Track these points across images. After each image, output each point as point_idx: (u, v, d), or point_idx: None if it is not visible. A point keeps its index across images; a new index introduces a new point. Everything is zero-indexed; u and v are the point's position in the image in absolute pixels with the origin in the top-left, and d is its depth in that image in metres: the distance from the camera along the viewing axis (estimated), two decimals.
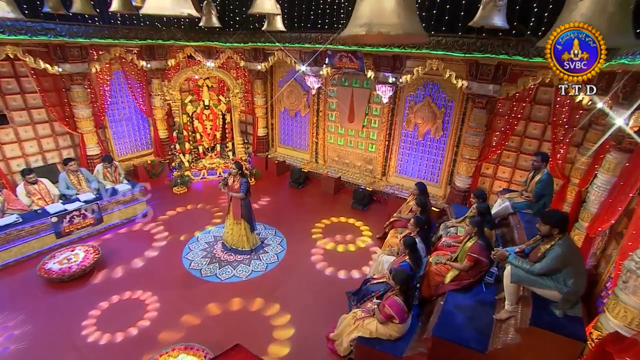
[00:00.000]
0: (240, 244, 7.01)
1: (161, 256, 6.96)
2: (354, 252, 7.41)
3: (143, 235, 7.60)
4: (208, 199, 9.20)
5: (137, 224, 8.00)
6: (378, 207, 9.19)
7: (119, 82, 9.83)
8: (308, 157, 11.15)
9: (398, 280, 4.62)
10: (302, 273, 6.71)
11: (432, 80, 8.45)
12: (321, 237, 7.84)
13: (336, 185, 9.85)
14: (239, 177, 6.58)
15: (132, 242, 7.35)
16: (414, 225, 6.04)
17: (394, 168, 9.68)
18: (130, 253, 6.98)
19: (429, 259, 5.71)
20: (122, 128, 10.16)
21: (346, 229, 8.22)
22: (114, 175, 8.22)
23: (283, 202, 9.36)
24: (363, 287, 5.88)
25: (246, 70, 10.90)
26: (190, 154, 10.30)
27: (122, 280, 6.29)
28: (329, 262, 7.05)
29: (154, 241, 7.40)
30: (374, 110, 9.55)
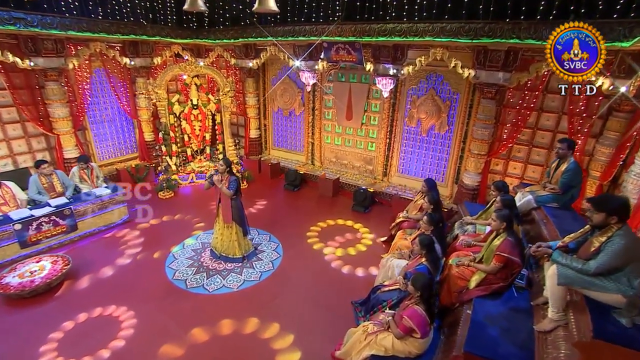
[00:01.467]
0: (231, 250, 6.18)
1: (141, 266, 6.10)
2: (356, 256, 6.61)
3: (123, 243, 6.74)
4: (196, 205, 8.40)
5: (116, 231, 7.13)
6: (381, 209, 8.45)
7: (101, 80, 9.09)
8: (304, 159, 10.43)
9: (419, 286, 3.79)
10: (301, 282, 5.88)
11: (435, 72, 7.78)
12: (320, 241, 7.04)
13: (335, 187, 9.11)
14: (227, 176, 5.78)
15: (110, 251, 6.48)
16: (428, 223, 5.25)
17: (396, 167, 8.95)
18: (107, 263, 6.12)
19: (448, 261, 4.86)
20: (104, 130, 9.38)
21: (347, 232, 7.43)
22: (91, 177, 7.30)
23: (278, 206, 8.59)
24: (372, 296, 5.07)
25: (237, 68, 10.28)
26: (177, 157, 9.49)
27: (95, 295, 5.38)
28: (330, 268, 6.25)
29: (135, 250, 6.54)
30: (373, 106, 8.87)
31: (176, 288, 5.58)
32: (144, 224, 7.43)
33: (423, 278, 3.87)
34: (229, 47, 9.93)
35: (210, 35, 9.81)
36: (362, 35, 7.35)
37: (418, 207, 6.63)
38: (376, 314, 4.72)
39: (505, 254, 4.13)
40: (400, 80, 8.21)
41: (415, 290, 3.85)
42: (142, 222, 7.47)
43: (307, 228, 7.50)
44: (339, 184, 9.25)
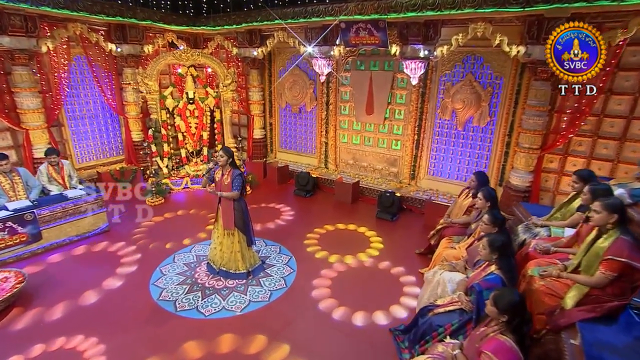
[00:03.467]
0: (233, 264, 5.20)
1: (120, 285, 5.08)
2: (387, 271, 5.58)
3: (99, 257, 5.76)
4: (190, 213, 7.46)
5: (92, 243, 6.14)
6: (410, 217, 7.49)
7: (81, 69, 8.19)
8: (316, 162, 9.55)
9: (505, 307, 2.74)
10: (321, 303, 4.80)
11: (474, 53, 6.91)
12: (341, 253, 6.01)
13: (354, 192, 8.17)
14: (230, 169, 4.86)
15: (82, 267, 5.49)
16: (491, 223, 4.24)
17: (426, 169, 8.02)
18: (76, 281, 5.09)
19: (525, 272, 3.79)
20: (84, 127, 8.46)
21: (372, 244, 6.41)
22: (61, 175, 6.30)
23: (287, 212, 7.64)
24: (420, 321, 4.03)
25: (239, 60, 9.43)
26: (170, 159, 8.65)
27: (58, 322, 4.35)
28: (357, 287, 5.20)
29: (113, 265, 5.54)
30: (398, 97, 7.98)
31: (162, 311, 4.55)
32: (126, 234, 6.46)
33: (511, 295, 2.81)
34: (230, 35, 9.16)
35: (209, 21, 9.04)
36: (387, 12, 6.60)
37: (464, 208, 5.65)
38: (431, 344, 3.65)
39: (622, 259, 3.05)
40: (430, 66, 7.37)
41: (498, 312, 2.78)
42: (124, 232, 6.51)
43: None
44: (358, 188, 8.30)
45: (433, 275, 4.62)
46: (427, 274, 4.76)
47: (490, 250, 3.59)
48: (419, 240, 6.36)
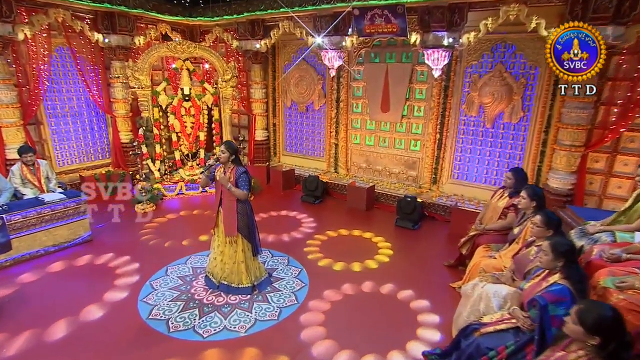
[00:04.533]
0: (236, 277, 4.77)
1: (103, 302, 4.63)
2: (417, 283, 5.12)
3: (79, 271, 5.33)
4: (186, 221, 7.09)
5: (72, 254, 5.71)
6: (434, 226, 7.11)
7: (64, 62, 7.88)
8: (325, 166, 9.19)
9: (595, 325, 2.35)
10: (342, 322, 4.37)
11: (504, 41, 6.58)
12: (359, 265, 5.61)
13: (369, 198, 7.79)
14: (233, 167, 4.50)
15: (59, 282, 5.05)
16: (545, 224, 3.85)
17: (449, 172, 7.66)
18: (51, 298, 4.65)
19: (597, 283, 3.31)
20: (66, 126, 8.13)
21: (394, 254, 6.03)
22: (37, 177, 5.90)
23: (294, 221, 7.25)
24: (464, 343, 3.59)
25: (240, 54, 9.21)
26: (162, 163, 8.33)
27: (24, 348, 3.86)
28: (382, 300, 4.77)
29: (95, 279, 5.12)
30: (418, 92, 7.66)
31: (153, 332, 4.09)
32: (112, 244, 6.05)
33: (601, 310, 2.37)
34: (230, 27, 8.94)
35: (207, 12, 8.82)
36: None
37: (499, 211, 5.23)
38: None
39: None
40: (454, 57, 7.03)
41: (586, 333, 2.32)
42: (110, 242, 6.11)
43: None
44: (374, 194, 7.93)
45: (473, 289, 4.16)
46: (465, 288, 4.29)
47: (555, 257, 3.14)
48: (446, 250, 6.00)
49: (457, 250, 5.49)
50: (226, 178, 4.40)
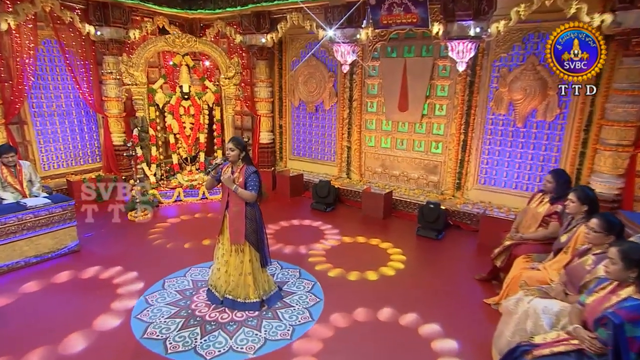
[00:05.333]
0: (242, 290, 4.54)
1: (91, 318, 4.36)
2: (448, 300, 4.89)
3: (65, 285, 5.09)
4: (184, 230, 6.88)
5: (56, 265, 5.48)
6: (459, 235, 6.90)
7: (52, 56, 7.80)
8: (336, 171, 9.08)
9: None
10: (361, 341, 4.11)
11: (538, 30, 6.38)
12: (378, 277, 5.40)
13: (386, 206, 7.60)
14: (242, 166, 4.34)
15: (42, 297, 4.80)
16: (604, 230, 3.55)
17: (475, 176, 7.44)
18: (33, 316, 4.40)
19: None
20: (53, 126, 8.01)
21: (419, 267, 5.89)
22: (18, 180, 5.69)
23: (304, 231, 7.08)
24: None
25: (244, 49, 9.08)
26: (158, 166, 8.29)
27: None
28: (407, 320, 4.47)
29: (82, 293, 4.89)
30: (439, 89, 7.53)
31: (148, 353, 3.81)
32: (102, 255, 5.86)
33: None
34: (233, 20, 8.83)
35: (207, 4, 8.73)
36: None
37: (539, 217, 4.96)
38: None
39: None
40: (481, 49, 6.82)
41: None
42: (99, 253, 5.92)
43: None
44: (391, 201, 7.75)
45: (516, 304, 3.84)
46: (506, 304, 3.97)
47: (625, 266, 2.83)
48: (475, 262, 5.79)
49: (489, 262, 5.25)
50: (230, 178, 4.21)
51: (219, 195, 8.06)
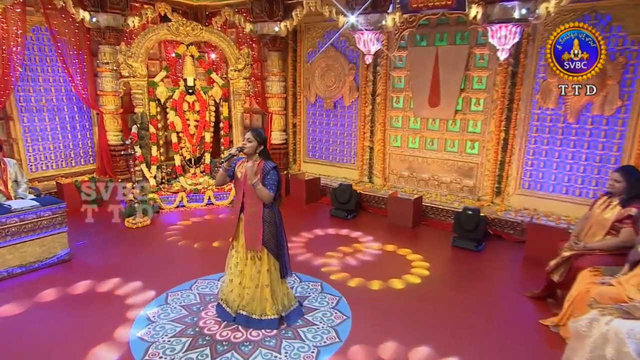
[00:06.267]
0: (258, 305, 4.35)
1: (83, 337, 4.20)
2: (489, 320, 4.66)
3: (53, 298, 4.93)
4: (188, 239, 6.75)
5: (44, 276, 5.38)
6: (502, 246, 6.69)
7: (41, 44, 7.84)
8: (356, 175, 9.06)
9: None
10: None
11: (594, 10, 6.15)
12: (415, 294, 5.20)
13: (416, 213, 7.43)
14: (260, 161, 4.18)
15: (26, 313, 4.63)
16: None
17: (518, 180, 7.27)
18: (11, 337, 4.20)
19: None
20: (42, 123, 8.03)
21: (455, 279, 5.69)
22: (3, 180, 5.62)
23: (327, 241, 6.90)
24: None
25: (254, 40, 9.17)
26: (159, 168, 8.26)
27: None
28: (454, 343, 4.22)
29: (74, 308, 4.75)
30: (475, 81, 7.44)
31: None
32: (96, 265, 5.78)
33: None
34: (242, 7, 8.90)
35: None
36: None
37: (607, 224, 4.66)
38: None
39: None
40: (526, 33, 6.64)
41: None
42: (93, 263, 5.84)
43: None
44: (421, 207, 7.60)
45: (589, 326, 3.53)
46: (576, 325, 3.64)
47: None
48: (524, 277, 5.72)
49: (541, 277, 5.04)
50: (252, 169, 4.01)
51: (227, 201, 8.25)
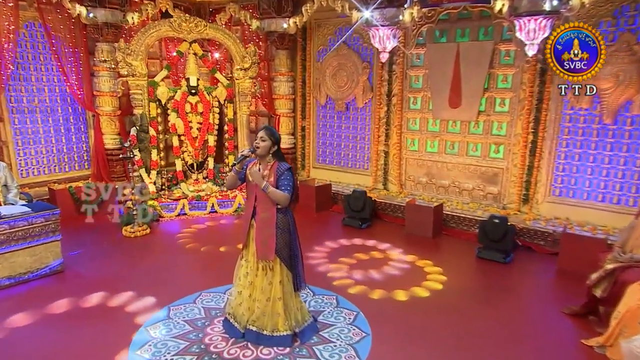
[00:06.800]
0: (270, 320, 4.26)
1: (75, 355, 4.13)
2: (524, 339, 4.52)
3: (44, 313, 4.84)
4: (190, 248, 6.73)
5: (35, 289, 5.32)
6: (531, 258, 6.60)
7: (34, 41, 7.84)
8: (370, 182, 9.01)
9: None
10: None
11: (635, 0, 6.11)
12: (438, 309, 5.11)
13: (436, 221, 7.33)
14: (273, 162, 4.11)
15: (12, 329, 4.53)
16: None
17: (547, 187, 7.14)
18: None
19: None
20: (34, 125, 8.02)
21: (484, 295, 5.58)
22: None
23: (341, 252, 6.82)
24: None
25: (260, 37, 9.23)
26: (160, 174, 8.29)
27: None
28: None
29: (69, 323, 4.68)
30: (500, 79, 7.36)
31: None
32: (92, 277, 5.72)
33: None
34: (249, 3, 8.95)
35: None
36: None
37: None
38: None
39: None
40: (557, 26, 6.27)
41: None
42: (88, 274, 5.79)
43: None
44: (441, 216, 7.50)
45: None
46: (631, 345, 3.53)
47: None
48: (559, 292, 5.61)
49: (581, 292, 4.92)
50: (259, 173, 3.96)
51: (231, 209, 8.19)
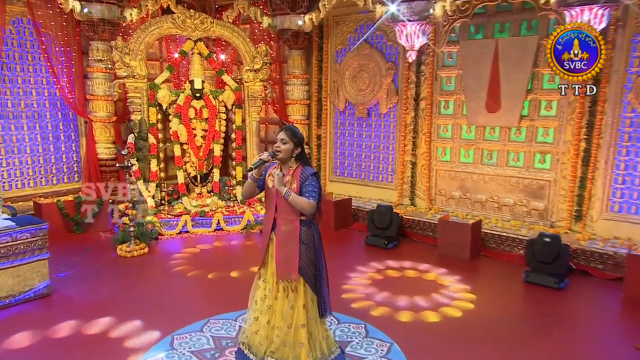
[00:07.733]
0: (291, 350, 4.05)
1: None
2: None
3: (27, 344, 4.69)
4: (195, 269, 6.65)
5: (18, 315, 5.21)
6: (589, 284, 6.42)
7: (23, 39, 7.92)
8: (395, 196, 8.96)
9: None
10: None
11: None
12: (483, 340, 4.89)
13: (474, 241, 7.15)
14: (297, 166, 3.99)
15: None
16: None
17: (604, 202, 7.01)
18: None
19: None
20: (19, 132, 8.05)
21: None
22: None
23: (367, 274, 6.73)
24: None
25: (272, 36, 9.25)
26: (159, 186, 8.26)
27: None
28: None
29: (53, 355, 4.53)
30: (546, 80, 7.30)
31: None
32: (82, 302, 5.67)
33: None
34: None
35: None
36: None
37: None
38: None
39: None
40: (614, 18, 6.46)
41: None
42: (77, 299, 5.74)
43: None
44: (480, 234, 7.32)
45: None
46: None
47: None
48: (627, 324, 5.40)
49: None
50: (281, 178, 3.80)
51: (240, 226, 8.07)
